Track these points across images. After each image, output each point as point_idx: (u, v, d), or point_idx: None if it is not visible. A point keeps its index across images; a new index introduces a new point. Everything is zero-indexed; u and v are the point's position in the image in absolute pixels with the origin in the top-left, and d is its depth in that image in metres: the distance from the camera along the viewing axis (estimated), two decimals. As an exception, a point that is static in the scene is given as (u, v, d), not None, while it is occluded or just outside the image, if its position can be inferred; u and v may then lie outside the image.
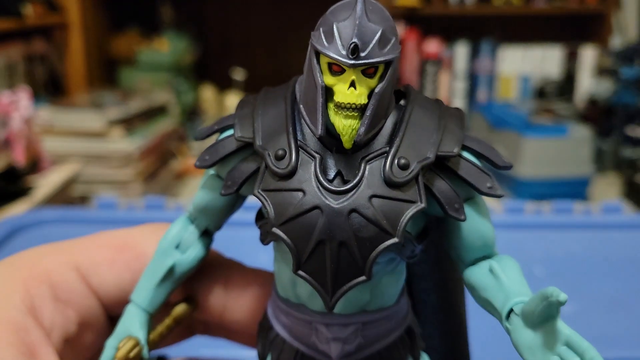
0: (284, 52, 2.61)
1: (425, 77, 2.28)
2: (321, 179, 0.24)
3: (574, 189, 1.71)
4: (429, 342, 0.31)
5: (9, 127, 1.29)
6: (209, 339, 0.35)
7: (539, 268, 0.65)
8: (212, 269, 0.32)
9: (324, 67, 0.23)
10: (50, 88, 2.10)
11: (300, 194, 0.24)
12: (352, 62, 0.22)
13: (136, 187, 1.65)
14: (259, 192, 0.24)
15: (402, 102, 0.27)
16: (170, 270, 0.29)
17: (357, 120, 0.23)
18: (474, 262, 0.27)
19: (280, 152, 0.24)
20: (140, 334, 0.28)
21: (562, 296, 0.21)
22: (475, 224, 0.26)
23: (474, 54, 2.27)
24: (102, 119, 1.64)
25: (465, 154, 0.26)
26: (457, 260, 0.28)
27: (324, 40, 0.23)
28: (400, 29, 2.21)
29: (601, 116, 2.06)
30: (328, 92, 0.24)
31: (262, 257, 0.38)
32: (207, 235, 0.30)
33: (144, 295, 0.29)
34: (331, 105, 0.23)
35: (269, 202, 0.24)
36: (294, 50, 2.59)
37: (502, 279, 0.25)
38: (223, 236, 0.32)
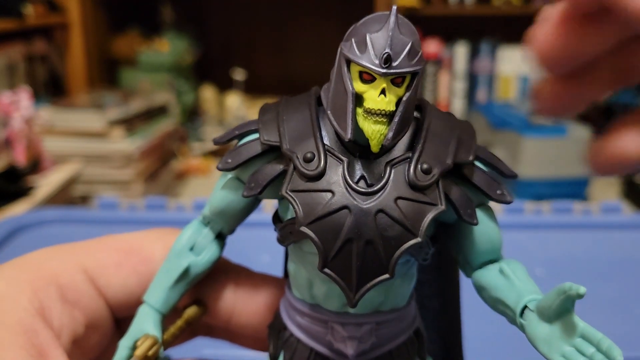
0: (285, 52, 2.61)
1: (425, 77, 2.28)
2: (349, 180, 0.25)
3: (574, 189, 1.72)
4: (430, 346, 0.32)
5: (9, 127, 1.29)
6: (212, 340, 0.35)
7: (538, 268, 0.65)
8: (220, 274, 0.32)
9: (355, 75, 0.25)
10: (51, 88, 2.10)
11: (329, 194, 0.25)
12: (385, 71, 0.24)
13: (137, 187, 1.66)
14: (287, 193, 0.25)
15: (415, 114, 0.28)
16: (185, 272, 0.29)
17: (385, 126, 0.24)
18: (482, 265, 0.28)
19: (309, 155, 0.25)
20: (157, 334, 0.29)
21: (582, 289, 0.22)
22: (485, 229, 0.28)
23: (474, 54, 2.28)
24: (103, 119, 1.64)
25: (477, 163, 0.28)
26: (464, 264, 0.29)
27: (356, 49, 0.24)
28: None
29: (600, 116, 2.07)
30: (357, 99, 0.25)
31: (264, 257, 0.38)
32: (220, 238, 0.31)
33: (158, 296, 0.29)
34: (360, 111, 0.25)
35: (298, 202, 0.25)
36: (294, 51, 2.59)
37: (513, 279, 0.26)
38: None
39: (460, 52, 2.27)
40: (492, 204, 0.29)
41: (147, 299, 0.30)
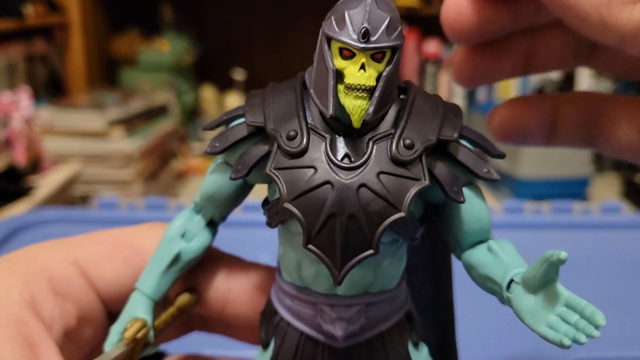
0: (284, 52, 2.61)
1: (425, 77, 2.28)
2: (331, 156, 0.25)
3: (574, 189, 1.72)
4: (424, 333, 0.32)
5: (9, 127, 1.29)
6: (208, 338, 0.35)
7: (538, 268, 0.65)
8: (212, 263, 0.32)
9: (335, 52, 0.25)
10: (51, 88, 2.11)
11: (311, 170, 0.25)
12: (363, 45, 0.24)
13: (137, 187, 1.66)
14: (271, 170, 0.25)
15: (402, 96, 0.28)
16: (176, 258, 0.30)
17: (366, 101, 0.24)
18: (471, 246, 0.28)
19: (292, 133, 0.26)
20: (147, 318, 0.29)
21: (563, 254, 0.22)
22: (473, 208, 0.27)
23: (474, 54, 2.28)
24: (103, 119, 1.64)
25: (463, 142, 0.27)
26: (454, 245, 0.29)
27: (335, 26, 0.24)
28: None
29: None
30: (338, 76, 0.25)
31: (263, 257, 0.38)
32: (212, 225, 0.31)
33: (149, 282, 0.29)
34: (341, 88, 0.25)
35: (281, 180, 0.25)
36: (294, 51, 2.59)
37: (500, 255, 0.26)
38: (223, 236, 0.32)
39: (460, 52, 2.27)
40: (490, 201, 0.29)
41: (138, 285, 0.30)
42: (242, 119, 0.28)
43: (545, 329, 0.23)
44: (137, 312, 0.29)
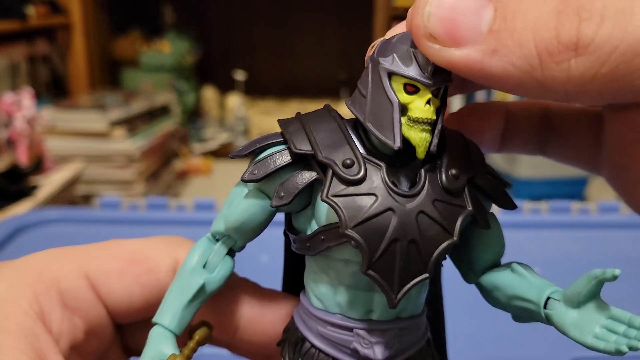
0: (285, 53, 2.62)
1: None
2: (390, 184, 0.26)
3: (572, 189, 1.72)
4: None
5: (12, 127, 1.30)
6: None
7: (536, 267, 0.65)
8: (226, 289, 0.31)
9: (399, 87, 0.26)
10: (53, 89, 2.11)
11: (372, 197, 0.26)
12: (432, 82, 0.25)
13: (138, 186, 1.67)
14: (328, 198, 0.26)
15: None
16: (201, 290, 0.29)
17: (429, 134, 0.26)
18: (485, 269, 0.29)
19: (348, 161, 0.27)
20: (177, 353, 0.28)
21: (617, 271, 0.23)
22: (493, 235, 0.29)
23: (475, 54, 2.28)
24: (105, 120, 1.65)
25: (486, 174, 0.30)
26: (467, 270, 0.30)
27: (400, 63, 0.26)
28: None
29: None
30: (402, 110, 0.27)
31: (264, 257, 0.38)
32: (230, 254, 0.31)
33: (172, 316, 0.29)
34: (404, 121, 0.26)
35: (340, 206, 0.26)
36: (295, 52, 2.60)
37: (528, 276, 0.28)
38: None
39: (461, 52, 2.26)
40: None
41: (159, 320, 0.29)
42: (277, 147, 0.28)
43: (593, 340, 0.24)
44: (164, 349, 0.28)
